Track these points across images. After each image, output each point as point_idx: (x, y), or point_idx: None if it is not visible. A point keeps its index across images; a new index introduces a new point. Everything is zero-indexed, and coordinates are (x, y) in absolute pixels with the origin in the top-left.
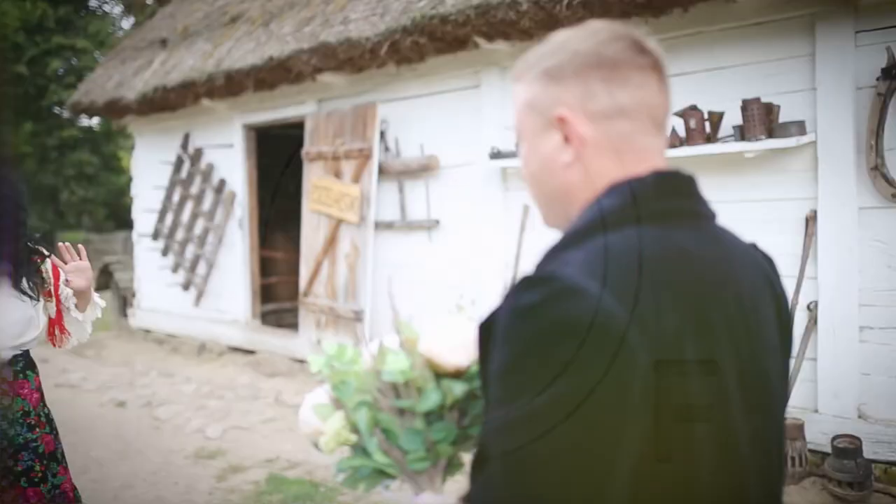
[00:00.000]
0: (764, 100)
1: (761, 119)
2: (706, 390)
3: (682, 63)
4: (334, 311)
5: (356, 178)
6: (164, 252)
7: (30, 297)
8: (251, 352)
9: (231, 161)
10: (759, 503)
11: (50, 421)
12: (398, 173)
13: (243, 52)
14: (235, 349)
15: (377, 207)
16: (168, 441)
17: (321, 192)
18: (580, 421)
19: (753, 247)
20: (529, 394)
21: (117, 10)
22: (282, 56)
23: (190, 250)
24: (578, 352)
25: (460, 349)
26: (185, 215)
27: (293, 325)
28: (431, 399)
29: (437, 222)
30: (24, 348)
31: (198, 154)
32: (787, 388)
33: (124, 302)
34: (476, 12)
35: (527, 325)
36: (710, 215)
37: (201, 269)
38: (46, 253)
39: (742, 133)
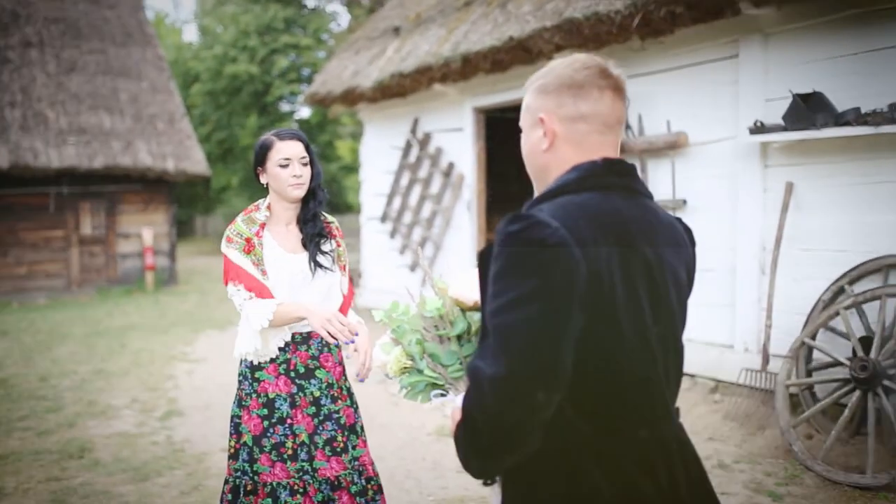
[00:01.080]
0: None
1: None
2: (624, 295)
3: None
4: None
5: None
6: (392, 234)
7: (328, 268)
8: None
9: (459, 144)
10: (660, 380)
11: (350, 394)
12: (641, 151)
13: (480, 34)
14: None
15: None
16: (408, 417)
17: None
18: (543, 302)
19: (677, 220)
20: (513, 288)
21: (330, 7)
22: (522, 35)
23: (417, 232)
24: (543, 260)
25: (475, 289)
26: (413, 198)
27: None
28: (459, 326)
29: (684, 202)
30: None
31: (426, 139)
32: (685, 312)
33: (350, 282)
34: None
35: (511, 245)
36: (643, 192)
37: (428, 250)
38: (336, 226)
39: None
